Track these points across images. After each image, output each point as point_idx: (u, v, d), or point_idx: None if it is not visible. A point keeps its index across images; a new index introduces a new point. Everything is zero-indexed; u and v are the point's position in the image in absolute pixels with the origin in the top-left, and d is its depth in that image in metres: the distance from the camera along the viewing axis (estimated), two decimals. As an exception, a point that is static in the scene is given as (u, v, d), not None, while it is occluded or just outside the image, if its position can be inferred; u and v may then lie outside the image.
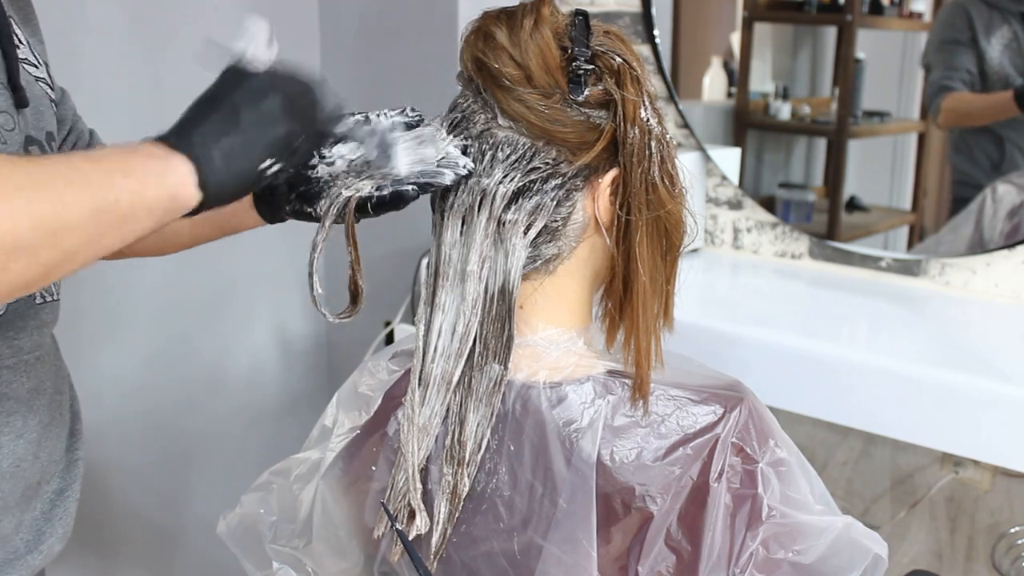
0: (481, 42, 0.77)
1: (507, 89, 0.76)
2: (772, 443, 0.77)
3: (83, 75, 1.48)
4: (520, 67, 0.75)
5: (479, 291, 0.78)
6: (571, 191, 0.78)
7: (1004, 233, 1.55)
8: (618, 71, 0.77)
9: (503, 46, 0.75)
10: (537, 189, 0.77)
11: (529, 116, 0.76)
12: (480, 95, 0.78)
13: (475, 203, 0.78)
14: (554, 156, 0.77)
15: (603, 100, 0.77)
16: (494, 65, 0.76)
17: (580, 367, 0.80)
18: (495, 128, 0.78)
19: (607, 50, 0.77)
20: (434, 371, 0.79)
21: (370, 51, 1.77)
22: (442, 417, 0.80)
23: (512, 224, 0.77)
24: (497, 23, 0.77)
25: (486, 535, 0.80)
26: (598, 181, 0.78)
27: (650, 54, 1.81)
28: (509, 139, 0.77)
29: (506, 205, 0.77)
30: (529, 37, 0.75)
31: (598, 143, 0.77)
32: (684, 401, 0.78)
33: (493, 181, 0.77)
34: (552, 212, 0.77)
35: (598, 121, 0.77)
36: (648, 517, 0.75)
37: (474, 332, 0.78)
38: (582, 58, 0.76)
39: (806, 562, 0.75)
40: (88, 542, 1.63)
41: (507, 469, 0.79)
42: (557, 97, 0.76)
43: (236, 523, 0.93)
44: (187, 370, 1.71)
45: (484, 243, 0.78)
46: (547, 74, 0.75)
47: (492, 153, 0.77)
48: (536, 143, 0.77)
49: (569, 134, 0.76)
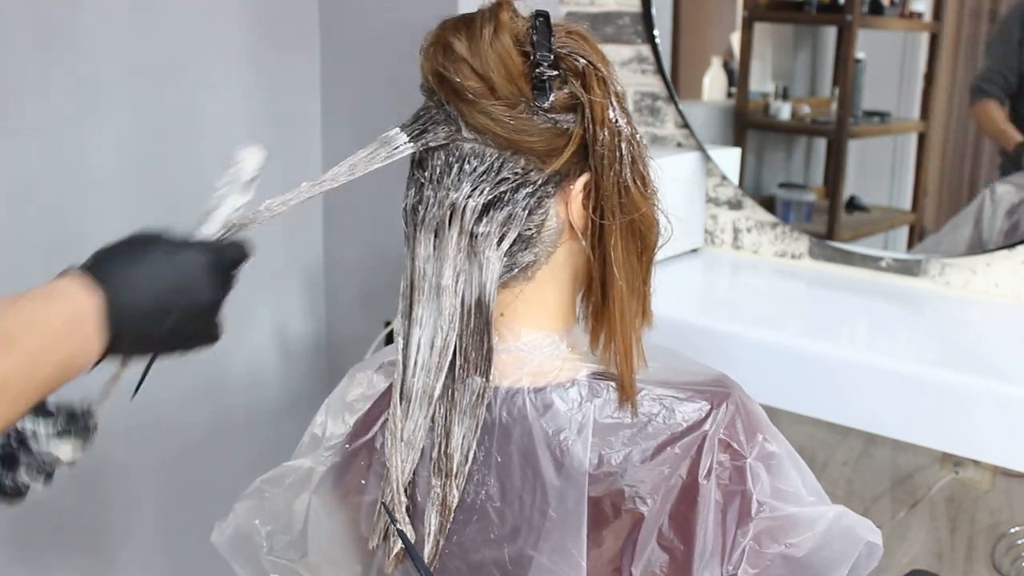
0: (440, 55, 0.75)
1: (470, 103, 0.74)
2: (760, 437, 0.77)
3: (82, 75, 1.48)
4: (482, 79, 0.73)
5: (455, 305, 0.77)
6: (543, 198, 0.76)
7: (1003, 232, 1.55)
8: (583, 73, 0.75)
9: (463, 58, 0.73)
10: (508, 200, 0.75)
11: (495, 128, 0.74)
12: (443, 107, 0.76)
13: (445, 217, 0.76)
14: (523, 165, 0.75)
15: (570, 104, 0.75)
16: (455, 79, 0.74)
17: (564, 371, 0.79)
18: (460, 140, 0.76)
19: (570, 51, 0.75)
20: (415, 385, 0.79)
21: (370, 54, 1.77)
22: (426, 430, 0.79)
23: (484, 236, 0.76)
24: (456, 33, 0.75)
25: (477, 546, 0.80)
26: (570, 187, 0.77)
27: (650, 54, 1.81)
28: (476, 151, 0.75)
29: (477, 218, 0.75)
30: (489, 46, 0.73)
31: (567, 148, 0.75)
32: (670, 400, 0.77)
33: (462, 195, 0.75)
34: (525, 221, 0.76)
35: (566, 126, 0.75)
36: (639, 518, 0.75)
37: (453, 345, 0.77)
38: (545, 63, 0.74)
39: (799, 555, 0.75)
40: (88, 542, 1.63)
41: (496, 479, 0.79)
42: (522, 106, 0.74)
43: (230, 532, 0.93)
44: (187, 370, 1.71)
45: (457, 257, 0.76)
46: (510, 83, 0.74)
47: (459, 166, 0.76)
48: (504, 153, 0.75)
49: (537, 143, 0.75)
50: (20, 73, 1.42)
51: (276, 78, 1.78)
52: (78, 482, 1.58)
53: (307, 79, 1.84)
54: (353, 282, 1.91)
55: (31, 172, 1.44)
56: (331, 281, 1.96)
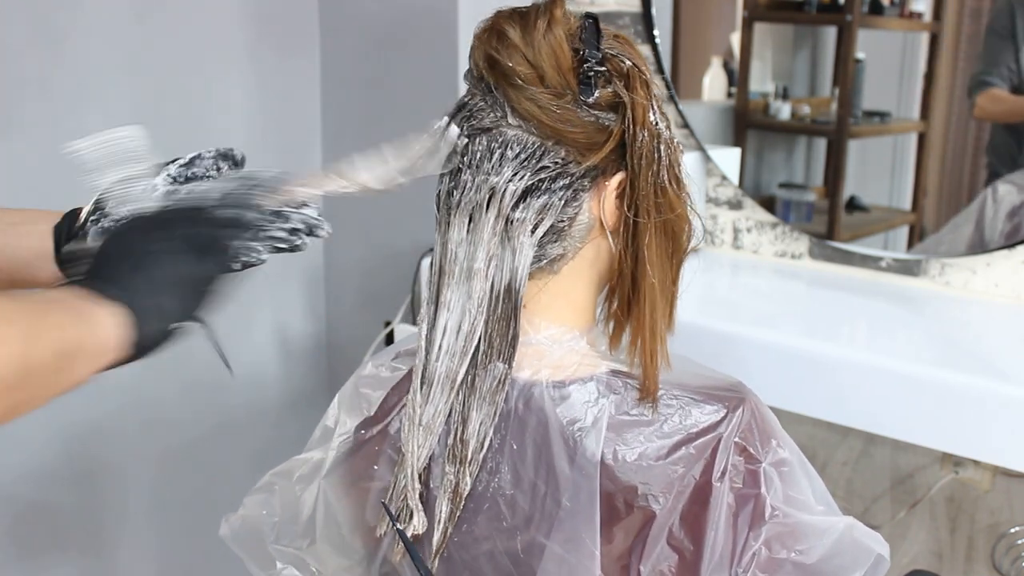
0: (495, 40, 0.77)
1: (519, 88, 0.76)
2: (774, 443, 0.77)
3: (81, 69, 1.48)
4: (533, 66, 0.75)
5: (485, 289, 0.78)
6: (578, 191, 0.78)
7: (1004, 233, 1.55)
8: (628, 74, 0.77)
9: (516, 45, 0.76)
10: (545, 188, 0.77)
11: (540, 115, 0.76)
12: (490, 93, 0.78)
13: (483, 201, 0.77)
14: (563, 156, 0.77)
15: (612, 102, 0.77)
16: (507, 63, 0.76)
17: (583, 366, 0.80)
18: (504, 126, 0.78)
19: (617, 53, 0.78)
20: (438, 369, 0.79)
21: (370, 53, 1.77)
22: (445, 416, 0.80)
23: (520, 222, 0.77)
24: (510, 22, 0.77)
25: (488, 534, 0.80)
26: (605, 183, 0.79)
27: (650, 54, 1.81)
28: (519, 138, 0.77)
29: (515, 203, 0.77)
30: (542, 37, 0.75)
31: (607, 144, 0.77)
32: (687, 401, 0.78)
33: (503, 179, 0.77)
34: (559, 212, 0.78)
35: (607, 123, 0.77)
36: (650, 516, 0.76)
37: (479, 330, 0.78)
38: (593, 60, 0.76)
39: (808, 562, 0.75)
40: (88, 542, 1.63)
41: (509, 468, 0.80)
42: (568, 98, 0.76)
43: (239, 525, 0.93)
44: (187, 370, 1.71)
45: (492, 241, 0.77)
46: (559, 74, 0.76)
47: (501, 151, 0.77)
48: (546, 142, 0.77)
49: (579, 134, 0.77)
50: (20, 73, 1.42)
51: (276, 78, 1.78)
52: (78, 481, 1.58)
53: (307, 79, 1.85)
54: (353, 282, 1.92)
55: (31, 172, 1.44)
56: (331, 281, 1.96)
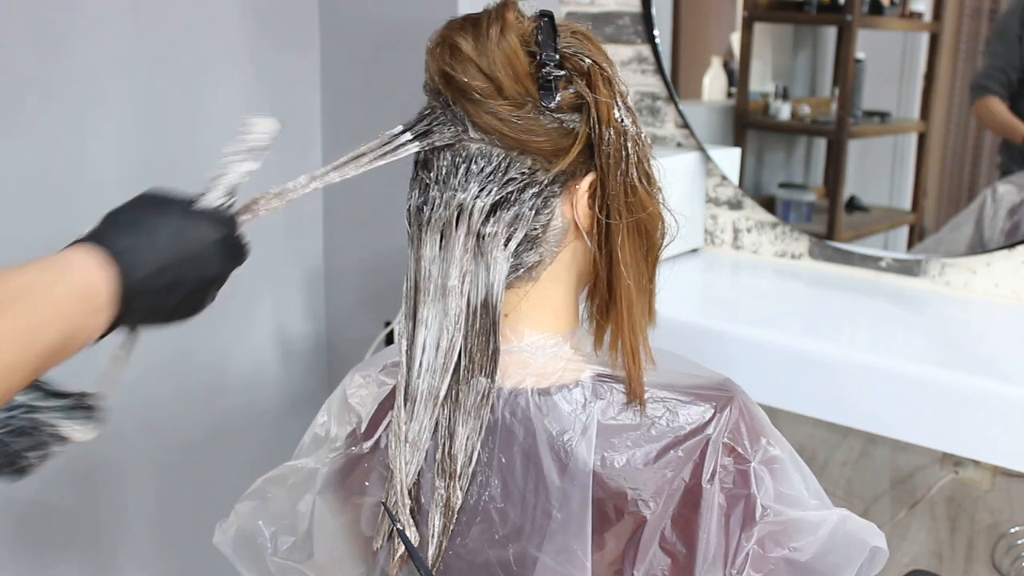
0: (447, 55, 0.75)
1: (477, 103, 0.74)
2: (764, 441, 0.76)
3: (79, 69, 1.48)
4: (489, 79, 0.73)
5: (461, 306, 0.77)
6: (549, 198, 0.76)
7: (1004, 232, 1.55)
8: (588, 72, 0.75)
9: (470, 57, 0.73)
10: (515, 200, 0.75)
11: (502, 128, 0.74)
12: (449, 108, 0.76)
13: (452, 218, 0.76)
14: (529, 165, 0.75)
15: (575, 103, 0.75)
16: (462, 79, 0.73)
17: (568, 372, 0.79)
18: (467, 140, 0.76)
19: (576, 51, 0.76)
20: (420, 386, 0.78)
21: (370, 53, 1.77)
22: (431, 431, 0.79)
23: (492, 237, 0.75)
24: (462, 33, 0.75)
25: (481, 546, 0.80)
26: (576, 186, 0.77)
27: (650, 54, 1.81)
28: (482, 151, 0.75)
29: (484, 219, 0.75)
30: (496, 46, 0.73)
31: (573, 148, 0.75)
32: (673, 403, 0.77)
33: (470, 195, 0.75)
34: (531, 221, 0.76)
35: (571, 126, 0.76)
36: (641, 521, 0.75)
37: (458, 346, 0.77)
38: (551, 63, 0.74)
39: (803, 559, 0.75)
40: (88, 542, 1.63)
41: (499, 480, 0.79)
42: (529, 106, 0.74)
43: (233, 533, 0.93)
44: (187, 370, 1.71)
45: (464, 258, 0.76)
46: (517, 83, 0.74)
47: (466, 166, 0.75)
48: (510, 153, 0.75)
49: (543, 143, 0.75)
50: (20, 73, 1.42)
51: (276, 78, 1.78)
52: (78, 482, 1.58)
53: (307, 79, 1.84)
54: (353, 282, 1.92)
55: (31, 172, 1.44)
56: (331, 281, 1.96)
